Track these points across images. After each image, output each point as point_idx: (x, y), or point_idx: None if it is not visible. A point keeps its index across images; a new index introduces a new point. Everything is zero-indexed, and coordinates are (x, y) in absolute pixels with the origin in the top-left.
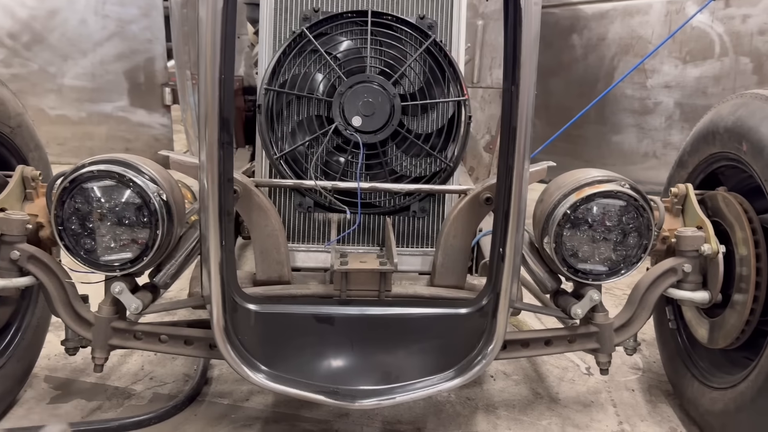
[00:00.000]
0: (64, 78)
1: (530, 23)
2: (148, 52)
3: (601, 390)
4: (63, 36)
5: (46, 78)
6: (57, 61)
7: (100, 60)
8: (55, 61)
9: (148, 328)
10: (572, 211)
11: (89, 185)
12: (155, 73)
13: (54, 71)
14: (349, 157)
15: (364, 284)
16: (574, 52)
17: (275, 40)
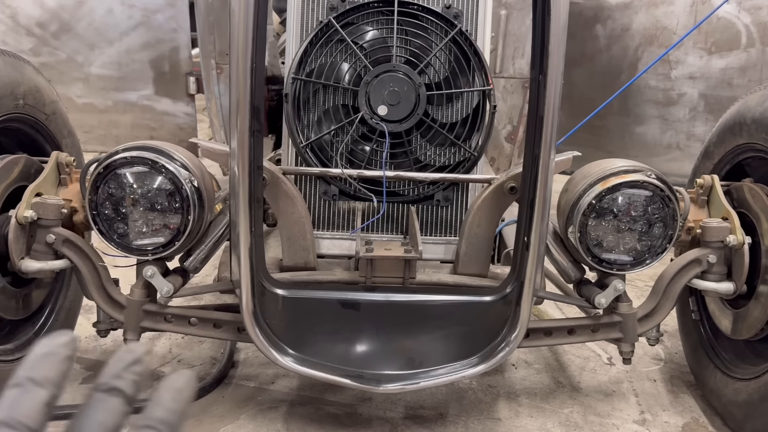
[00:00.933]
0: (91, 67)
1: (559, 12)
2: (173, 42)
3: (623, 380)
4: (90, 25)
5: (73, 67)
6: (84, 50)
7: (126, 49)
8: (82, 50)
9: (178, 311)
10: (597, 201)
11: (122, 171)
12: (180, 62)
13: (81, 60)
14: (374, 146)
15: (389, 271)
16: (597, 43)
17: (302, 30)
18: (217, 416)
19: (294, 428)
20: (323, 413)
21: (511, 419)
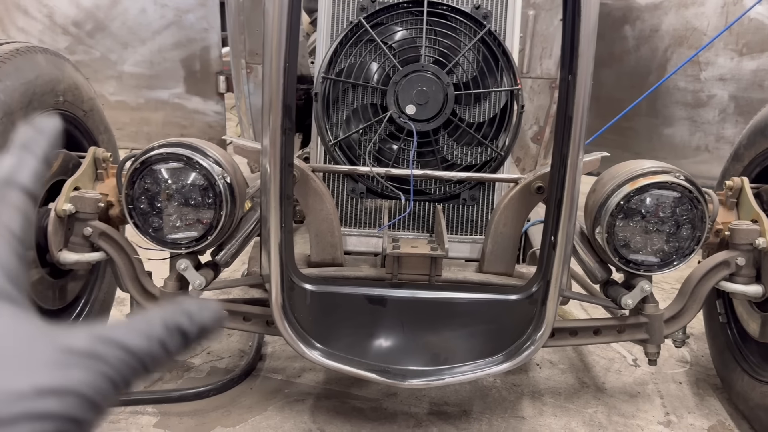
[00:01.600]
0: (124, 65)
1: (589, 13)
2: (204, 41)
3: (648, 381)
4: (124, 24)
5: (107, 65)
6: (117, 48)
7: (158, 48)
8: (115, 49)
9: None
10: (626, 202)
11: (158, 167)
12: (210, 61)
13: (115, 58)
14: (401, 145)
15: (415, 268)
16: (626, 44)
17: (333, 30)
18: (245, 407)
19: (320, 421)
20: (349, 407)
21: (535, 418)
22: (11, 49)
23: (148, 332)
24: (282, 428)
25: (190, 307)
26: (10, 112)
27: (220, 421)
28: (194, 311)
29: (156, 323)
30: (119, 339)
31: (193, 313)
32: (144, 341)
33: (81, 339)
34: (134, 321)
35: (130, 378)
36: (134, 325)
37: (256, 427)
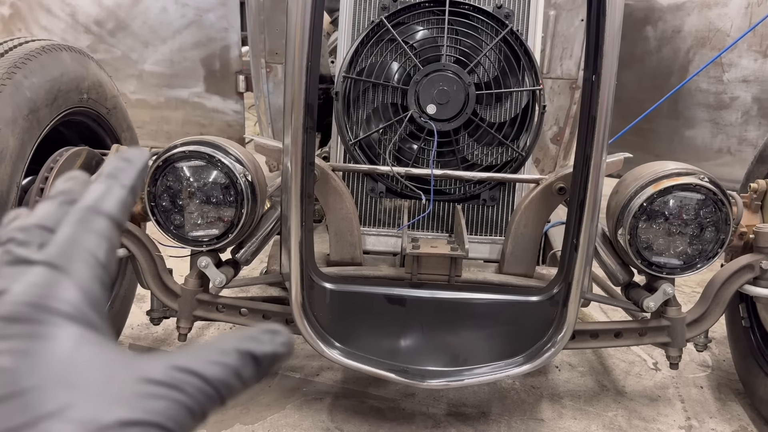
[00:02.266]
0: (144, 64)
1: (614, 12)
2: (224, 40)
3: (669, 385)
4: (145, 23)
5: (128, 63)
6: (138, 47)
7: (178, 47)
8: (136, 48)
9: (229, 301)
10: (649, 203)
11: (180, 165)
12: (230, 60)
13: (136, 57)
14: (421, 145)
15: (435, 269)
16: (647, 45)
17: (354, 30)
18: (264, 405)
19: (338, 420)
20: (367, 406)
21: (555, 420)
22: (37, 47)
23: (223, 361)
24: (300, 426)
25: (261, 335)
26: (36, 109)
27: (239, 418)
28: (265, 339)
29: (230, 352)
30: (196, 369)
31: (264, 340)
32: (220, 370)
33: (159, 369)
34: (208, 349)
35: (207, 408)
36: (209, 354)
37: (274, 425)
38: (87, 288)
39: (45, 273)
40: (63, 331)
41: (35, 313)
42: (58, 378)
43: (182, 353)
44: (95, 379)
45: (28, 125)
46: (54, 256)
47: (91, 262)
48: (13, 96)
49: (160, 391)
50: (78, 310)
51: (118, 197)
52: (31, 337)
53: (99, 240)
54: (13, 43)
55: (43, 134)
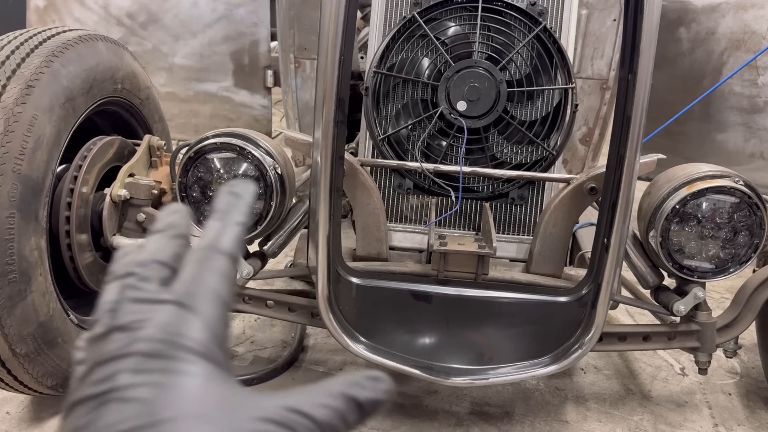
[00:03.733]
0: (174, 57)
1: (652, 10)
2: (253, 35)
3: (696, 391)
4: (176, 17)
5: (158, 57)
6: (169, 40)
7: (208, 41)
8: (167, 41)
9: (256, 293)
10: (682, 206)
11: (211, 156)
12: (259, 55)
13: (166, 50)
14: (450, 141)
15: (462, 266)
16: (680, 46)
17: (386, 25)
18: None
19: None
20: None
21: (579, 423)
22: (74, 36)
23: (331, 405)
24: None
25: (365, 381)
26: (72, 98)
27: None
28: (368, 385)
29: (337, 396)
30: (307, 411)
31: (367, 386)
32: (327, 413)
33: (276, 410)
34: (317, 392)
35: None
36: (318, 398)
37: None
38: (213, 326)
39: (176, 312)
40: (195, 368)
41: (170, 350)
42: (192, 412)
43: (293, 394)
44: (223, 416)
45: (64, 113)
46: (182, 295)
47: (215, 301)
48: (50, 84)
49: (276, 430)
50: (207, 348)
51: (233, 235)
52: (167, 372)
53: (221, 278)
54: (51, 32)
55: (78, 123)
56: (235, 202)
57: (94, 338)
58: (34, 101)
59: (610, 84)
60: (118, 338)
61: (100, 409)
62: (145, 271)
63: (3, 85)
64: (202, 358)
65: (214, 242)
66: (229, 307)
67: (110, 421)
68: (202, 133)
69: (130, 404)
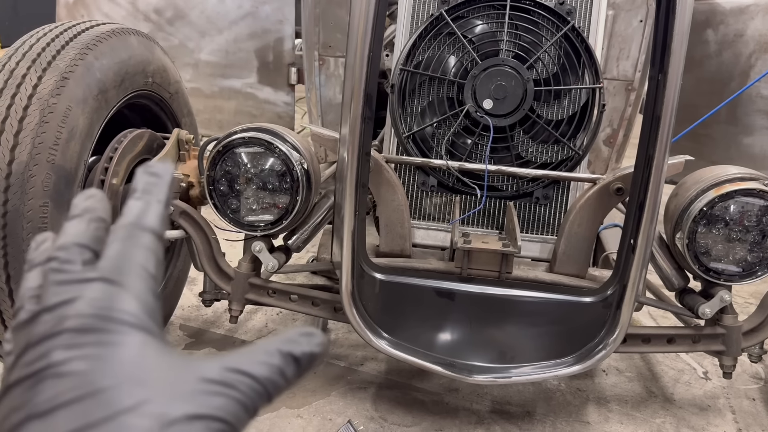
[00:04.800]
0: (200, 53)
1: (684, 9)
2: (278, 33)
3: (719, 395)
4: (202, 13)
5: (185, 52)
6: (195, 36)
7: (234, 38)
8: (193, 37)
9: (280, 287)
10: (709, 208)
11: (239, 150)
12: (283, 53)
13: (192, 46)
14: (476, 140)
15: (486, 264)
16: (707, 48)
17: (413, 23)
18: (309, 391)
19: (382, 410)
20: (410, 398)
21: (600, 424)
22: (107, 30)
23: (269, 361)
24: (345, 414)
25: (299, 338)
26: (105, 90)
27: (285, 402)
28: (303, 341)
29: (274, 353)
30: (247, 369)
31: (302, 342)
32: (267, 369)
33: (215, 370)
34: (254, 351)
35: (257, 403)
36: (256, 356)
37: (319, 411)
38: (143, 299)
39: (104, 287)
40: (129, 338)
41: (102, 323)
42: (131, 377)
43: (232, 355)
44: (162, 379)
45: (97, 105)
46: (109, 271)
47: (143, 275)
48: (84, 76)
49: (217, 389)
50: (139, 319)
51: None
52: (102, 345)
53: (147, 254)
54: (85, 25)
55: (110, 115)
56: (155, 181)
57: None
58: (69, 93)
59: (636, 85)
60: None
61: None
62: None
63: (39, 76)
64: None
65: (137, 220)
66: (157, 282)
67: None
68: (226, 129)
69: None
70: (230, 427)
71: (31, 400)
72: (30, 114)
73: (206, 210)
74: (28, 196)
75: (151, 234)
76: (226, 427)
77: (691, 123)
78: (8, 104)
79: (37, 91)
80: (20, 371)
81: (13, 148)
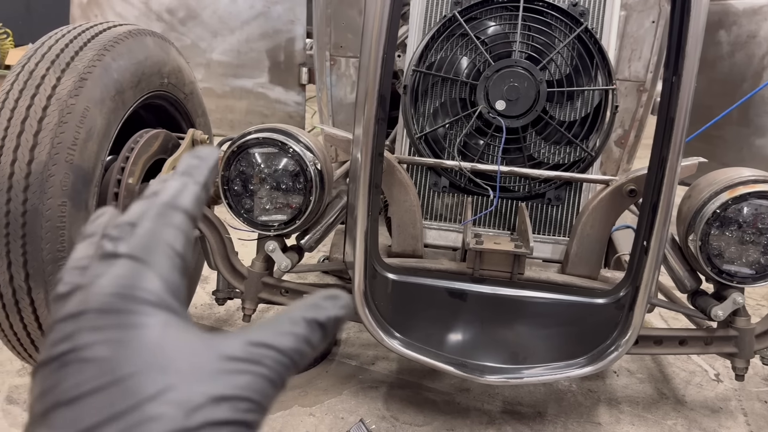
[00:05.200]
0: (213, 53)
1: (699, 11)
2: (289, 33)
3: (731, 398)
4: (214, 13)
5: (197, 52)
6: (207, 36)
7: (245, 38)
8: (205, 37)
9: (293, 286)
10: (722, 210)
11: (253, 151)
12: (294, 53)
13: (204, 46)
14: (488, 141)
15: (497, 265)
16: (719, 49)
17: (425, 24)
18: (321, 389)
19: (394, 409)
20: (422, 398)
21: (612, 425)
22: (124, 31)
23: (294, 331)
24: (357, 412)
25: (323, 302)
26: (122, 91)
27: (297, 400)
28: (327, 305)
29: (298, 321)
30: (271, 342)
31: (327, 306)
32: (292, 340)
33: (238, 346)
34: (278, 322)
35: (285, 376)
36: (280, 326)
37: (332, 409)
38: (167, 277)
39: (129, 265)
40: (150, 319)
41: (124, 303)
42: (153, 363)
43: (255, 329)
44: (184, 362)
45: (114, 106)
46: (135, 248)
47: (169, 254)
48: (101, 77)
49: (242, 367)
50: (161, 298)
51: (192, 193)
52: (124, 327)
53: (176, 233)
54: (102, 26)
55: (126, 115)
56: (197, 164)
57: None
58: (87, 93)
59: (647, 86)
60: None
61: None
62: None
63: (58, 77)
64: (157, 308)
65: (172, 200)
66: (185, 262)
67: (72, 383)
68: (238, 129)
69: (90, 364)
70: (257, 405)
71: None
72: (49, 114)
73: (220, 209)
74: (47, 195)
75: (183, 214)
76: (253, 405)
77: (703, 124)
78: (28, 104)
79: (56, 92)
80: (48, 351)
81: (32, 148)
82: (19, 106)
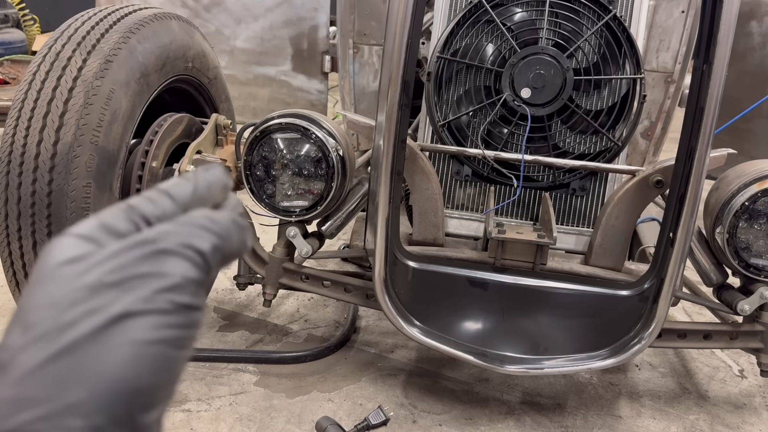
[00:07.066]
0: (236, 40)
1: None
2: (312, 20)
3: (755, 394)
4: (238, 0)
5: (221, 39)
6: (231, 24)
7: (269, 25)
8: (229, 24)
9: (313, 272)
10: (752, 203)
11: (276, 136)
12: (317, 40)
13: (228, 33)
14: (513, 129)
15: (520, 255)
16: (750, 41)
17: (451, 10)
18: (340, 375)
19: (412, 397)
20: (440, 387)
21: (633, 418)
22: (150, 14)
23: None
24: (375, 399)
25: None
26: (147, 74)
27: (316, 386)
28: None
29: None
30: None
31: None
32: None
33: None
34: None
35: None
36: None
37: (350, 396)
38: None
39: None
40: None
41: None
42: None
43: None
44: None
45: (139, 88)
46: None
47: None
48: (127, 60)
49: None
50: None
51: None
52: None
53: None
54: (127, 9)
55: (151, 98)
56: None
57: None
58: (112, 75)
59: (675, 77)
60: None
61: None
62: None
63: (83, 59)
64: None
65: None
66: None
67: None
68: (260, 117)
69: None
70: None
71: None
72: (75, 96)
73: (241, 194)
74: (72, 176)
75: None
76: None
77: (731, 117)
78: (54, 86)
79: (81, 74)
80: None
81: (58, 129)
82: (45, 87)
